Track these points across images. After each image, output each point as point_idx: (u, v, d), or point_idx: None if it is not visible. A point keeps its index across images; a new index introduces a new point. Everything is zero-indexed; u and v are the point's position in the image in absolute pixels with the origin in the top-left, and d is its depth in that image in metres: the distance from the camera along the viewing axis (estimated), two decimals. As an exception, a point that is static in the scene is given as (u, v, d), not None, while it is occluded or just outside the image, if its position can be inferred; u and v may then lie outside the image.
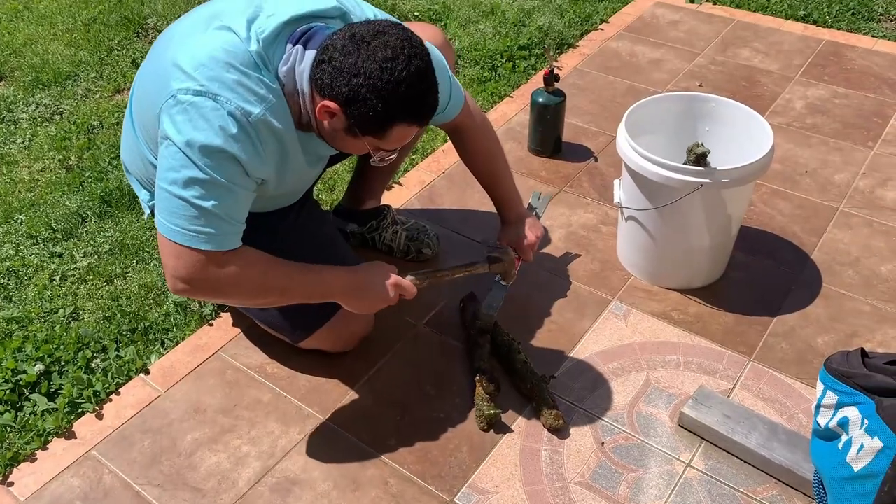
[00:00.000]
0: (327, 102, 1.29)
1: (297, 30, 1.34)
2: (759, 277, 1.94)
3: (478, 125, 1.73)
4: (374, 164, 1.43)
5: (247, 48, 1.31)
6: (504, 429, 1.59)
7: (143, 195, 1.65)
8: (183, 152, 1.28)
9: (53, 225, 2.12)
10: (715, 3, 3.24)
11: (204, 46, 1.31)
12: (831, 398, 1.33)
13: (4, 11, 3.28)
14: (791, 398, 1.65)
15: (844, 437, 1.30)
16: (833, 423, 1.32)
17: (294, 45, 1.32)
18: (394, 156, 1.43)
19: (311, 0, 1.39)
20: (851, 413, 1.29)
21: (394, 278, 1.51)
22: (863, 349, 1.33)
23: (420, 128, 1.36)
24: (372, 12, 1.48)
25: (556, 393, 1.65)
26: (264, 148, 1.34)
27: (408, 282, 1.53)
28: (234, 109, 1.28)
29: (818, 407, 1.36)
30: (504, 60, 2.82)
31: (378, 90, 1.25)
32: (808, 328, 1.80)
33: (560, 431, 1.58)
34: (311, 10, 1.37)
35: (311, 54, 1.30)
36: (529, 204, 1.90)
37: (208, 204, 1.31)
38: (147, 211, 1.67)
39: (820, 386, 1.36)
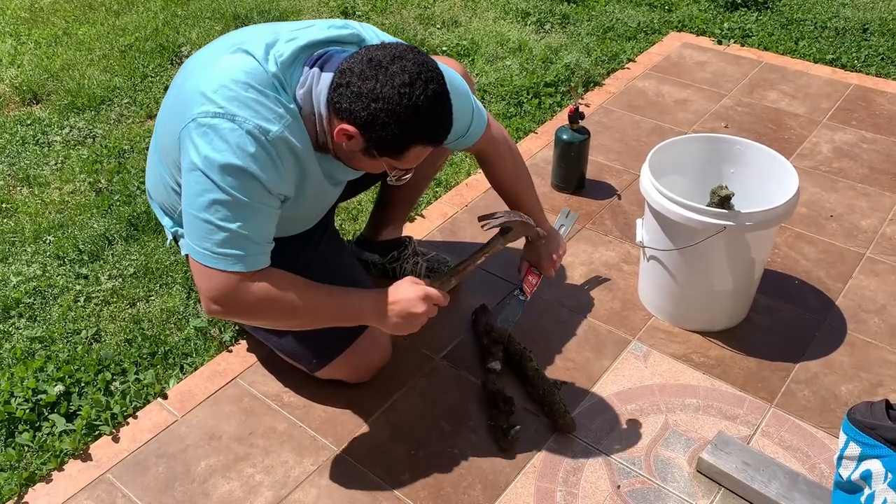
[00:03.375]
0: (345, 126, 1.31)
1: (315, 53, 1.37)
2: (783, 322, 1.92)
3: (501, 150, 1.75)
4: (391, 182, 1.45)
5: (265, 69, 1.33)
6: (518, 467, 1.57)
7: (165, 222, 1.67)
8: (205, 175, 1.31)
9: (80, 246, 2.15)
10: (742, 45, 3.25)
11: (223, 70, 1.34)
12: (854, 450, 1.30)
13: (44, 37, 3.38)
14: (813, 447, 1.61)
15: (867, 491, 1.27)
16: (856, 476, 1.29)
17: (311, 67, 1.35)
18: (409, 175, 1.44)
19: (329, 28, 1.42)
20: (875, 466, 1.26)
21: (423, 290, 1.46)
22: (887, 400, 1.31)
23: (435, 148, 1.38)
24: (387, 39, 1.50)
25: (572, 434, 1.63)
26: (283, 165, 1.36)
27: (437, 291, 1.47)
28: (252, 128, 1.30)
29: (840, 458, 1.34)
30: (530, 97, 2.85)
31: (396, 115, 1.27)
32: (831, 376, 1.77)
33: (570, 434, 1.62)
34: (329, 36, 1.40)
35: (327, 77, 1.32)
36: (558, 220, 1.94)
37: (234, 225, 1.32)
38: (170, 237, 1.69)
39: (843, 436, 1.33)
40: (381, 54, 1.28)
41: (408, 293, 1.45)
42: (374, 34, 1.49)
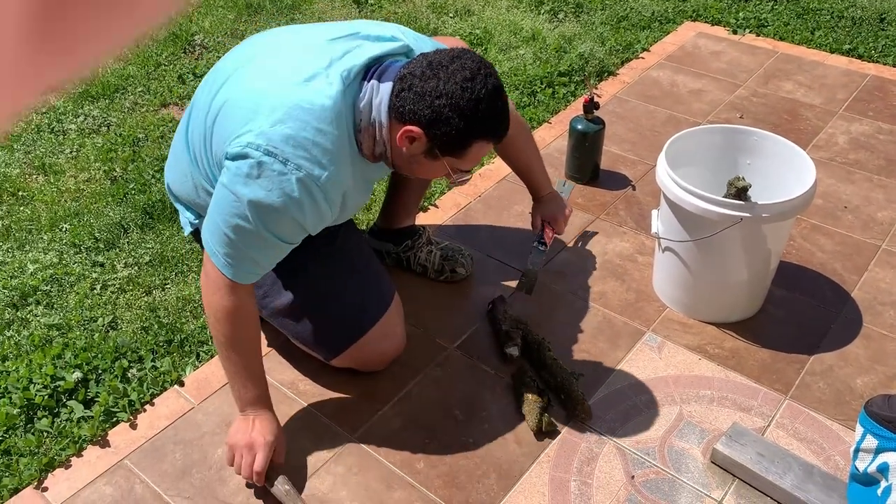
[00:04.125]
0: (409, 127, 1.33)
1: (372, 67, 1.39)
2: (798, 314, 1.91)
3: (512, 122, 1.79)
4: (452, 184, 1.48)
5: (326, 97, 1.32)
6: (533, 457, 1.58)
7: (187, 215, 1.68)
8: (242, 205, 1.32)
9: (96, 234, 2.17)
10: (758, 35, 3.23)
11: (283, 98, 1.32)
12: (871, 442, 1.30)
13: (58, 25, 3.38)
14: (828, 439, 1.61)
15: (884, 484, 1.27)
16: (872, 469, 1.29)
17: (368, 81, 1.37)
18: (469, 176, 1.48)
19: (379, 40, 1.43)
20: (892, 459, 1.26)
21: (256, 452, 1.45)
22: (905, 393, 1.30)
23: (495, 144, 1.41)
24: (431, 45, 1.53)
25: (586, 424, 1.64)
26: (330, 203, 1.38)
27: (260, 465, 1.44)
28: (303, 176, 1.31)
29: (857, 451, 1.34)
30: (544, 86, 2.84)
31: (460, 109, 1.30)
32: (846, 368, 1.77)
33: (585, 424, 1.64)
34: (384, 51, 1.42)
35: (386, 86, 1.35)
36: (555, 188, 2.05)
37: (248, 249, 1.38)
38: (189, 229, 1.70)
39: (859, 429, 1.33)
40: (439, 57, 1.33)
41: (257, 436, 1.46)
42: (415, 39, 1.51)
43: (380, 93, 1.35)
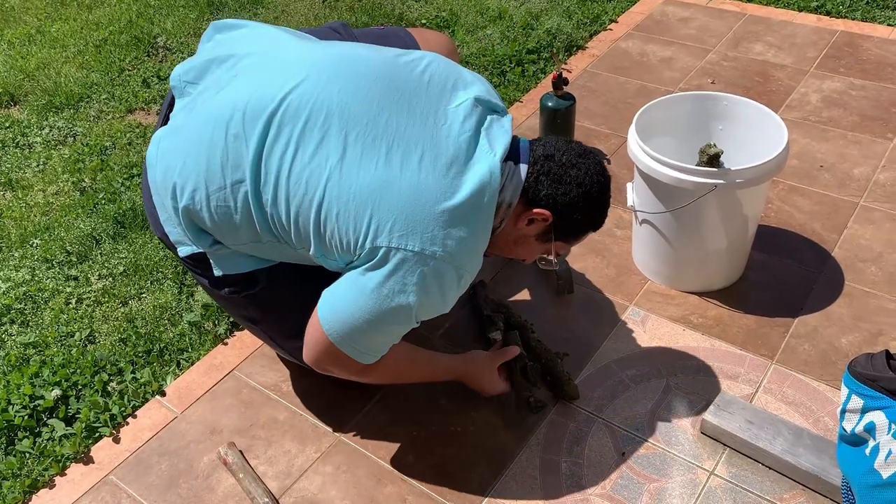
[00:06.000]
0: (540, 210, 1.37)
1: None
2: (780, 277, 1.91)
3: None
4: (542, 267, 1.51)
5: (491, 195, 1.31)
6: (522, 441, 1.57)
7: (201, 239, 1.44)
8: (410, 309, 1.32)
9: (68, 248, 2.13)
10: (725, -2, 3.20)
11: (449, 196, 1.28)
12: (857, 402, 1.29)
13: (17, 36, 3.32)
14: (816, 401, 1.61)
15: (872, 443, 1.26)
16: (859, 428, 1.29)
17: (505, 161, 1.36)
18: (556, 264, 1.52)
19: (505, 115, 1.43)
20: (878, 418, 1.25)
21: (496, 366, 1.62)
22: (888, 351, 1.29)
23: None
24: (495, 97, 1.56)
25: (574, 404, 1.63)
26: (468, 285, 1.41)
27: (513, 352, 1.64)
28: (468, 276, 1.35)
29: (843, 411, 1.33)
30: (513, 65, 2.80)
31: (592, 200, 1.38)
32: (831, 328, 1.76)
33: (572, 404, 1.63)
34: (511, 130, 1.41)
35: (522, 168, 1.37)
36: None
37: (387, 339, 1.38)
38: (192, 250, 1.46)
39: (844, 390, 1.33)
40: (574, 147, 1.40)
41: (484, 360, 1.62)
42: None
43: (515, 175, 1.35)
